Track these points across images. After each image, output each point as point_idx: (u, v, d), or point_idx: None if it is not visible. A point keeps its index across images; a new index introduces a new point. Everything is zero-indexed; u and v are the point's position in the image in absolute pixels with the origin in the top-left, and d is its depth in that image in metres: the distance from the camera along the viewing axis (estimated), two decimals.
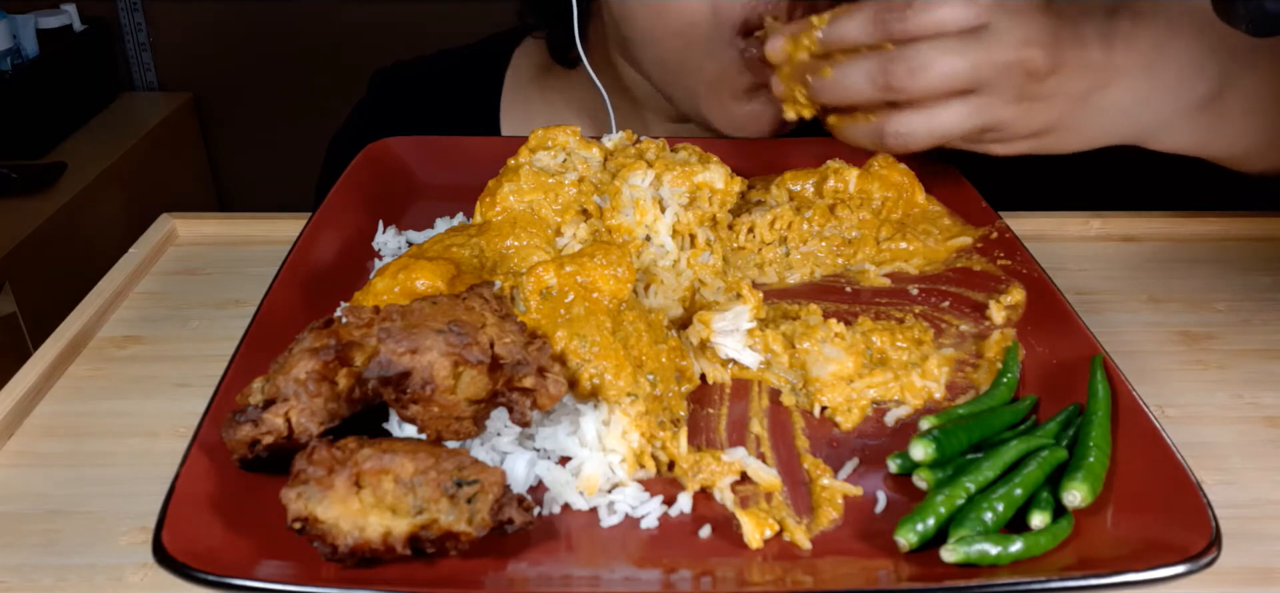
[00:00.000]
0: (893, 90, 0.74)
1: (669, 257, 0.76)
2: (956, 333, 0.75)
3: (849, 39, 0.76)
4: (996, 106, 0.73)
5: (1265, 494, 0.63)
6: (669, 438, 0.61)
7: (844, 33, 0.77)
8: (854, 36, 0.76)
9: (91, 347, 0.78)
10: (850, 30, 0.76)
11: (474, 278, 0.69)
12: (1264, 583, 0.57)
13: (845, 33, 0.77)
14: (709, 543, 0.56)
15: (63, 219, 1.99)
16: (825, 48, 0.79)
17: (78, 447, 0.67)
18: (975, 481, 0.57)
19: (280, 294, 0.73)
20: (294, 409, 0.56)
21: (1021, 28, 0.71)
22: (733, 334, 0.69)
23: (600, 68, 1.08)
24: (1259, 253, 0.92)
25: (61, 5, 2.38)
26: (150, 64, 2.62)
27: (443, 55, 1.28)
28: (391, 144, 0.98)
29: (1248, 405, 0.71)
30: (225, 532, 0.54)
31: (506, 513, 0.52)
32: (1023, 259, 0.80)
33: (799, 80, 0.81)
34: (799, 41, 0.80)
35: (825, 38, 0.78)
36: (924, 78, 0.72)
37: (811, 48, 0.79)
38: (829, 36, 0.78)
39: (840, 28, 0.77)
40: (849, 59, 0.76)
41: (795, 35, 0.80)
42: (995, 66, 0.72)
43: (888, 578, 0.54)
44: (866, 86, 0.75)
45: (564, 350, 0.62)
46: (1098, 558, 0.53)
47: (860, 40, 0.76)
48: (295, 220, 0.88)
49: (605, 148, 0.85)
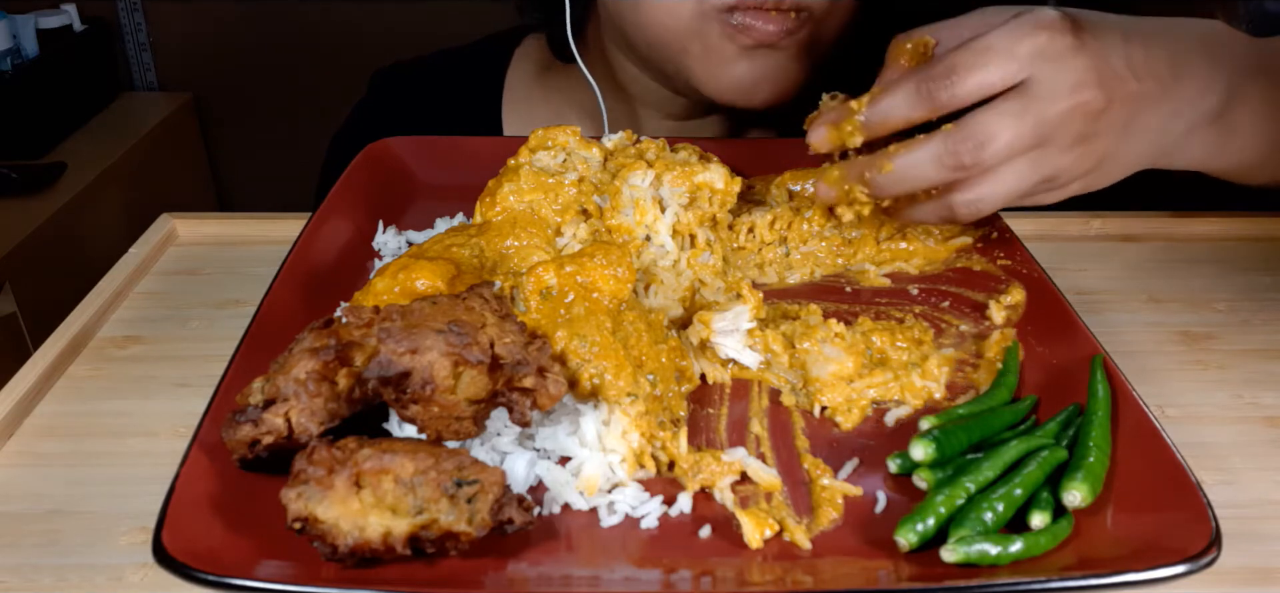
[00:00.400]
0: (962, 169, 0.70)
1: (669, 257, 0.76)
2: (956, 333, 0.75)
3: (894, 119, 0.72)
4: (1055, 155, 0.71)
5: (1265, 494, 0.63)
6: (669, 438, 0.61)
7: (888, 114, 0.72)
8: (900, 115, 0.72)
9: (91, 347, 0.78)
10: (895, 110, 0.72)
11: (474, 278, 0.69)
12: (1264, 583, 0.57)
13: (890, 114, 0.72)
14: (709, 543, 0.56)
15: (63, 219, 1.99)
16: (870, 132, 0.74)
17: (78, 447, 0.67)
18: (975, 481, 0.57)
19: (280, 294, 0.73)
20: (294, 409, 0.56)
21: (1067, 73, 0.69)
22: (733, 334, 0.69)
23: (597, 65, 1.09)
24: (1259, 253, 0.92)
25: (61, 5, 2.37)
26: (150, 64, 2.62)
27: (443, 55, 1.28)
28: (391, 144, 0.98)
29: (1248, 405, 0.71)
30: (225, 532, 0.54)
31: (506, 513, 0.52)
32: (1023, 259, 0.80)
33: (856, 180, 0.75)
34: (841, 129, 0.74)
35: (868, 120, 0.73)
36: (992, 149, 0.69)
37: (856, 133, 0.74)
38: (872, 119, 0.73)
39: (883, 109, 0.72)
40: (906, 148, 0.71)
41: (837, 123, 0.75)
42: (1056, 118, 0.69)
43: (888, 578, 0.54)
44: (934, 171, 0.71)
45: (564, 350, 0.62)
46: (1098, 558, 0.53)
47: (907, 118, 0.72)
48: (295, 220, 0.88)
49: (605, 148, 0.85)
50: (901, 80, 0.71)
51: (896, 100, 0.71)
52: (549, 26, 1.15)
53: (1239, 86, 0.76)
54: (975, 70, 0.68)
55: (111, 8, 2.53)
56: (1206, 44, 0.75)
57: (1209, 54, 0.74)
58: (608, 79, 1.11)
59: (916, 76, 0.70)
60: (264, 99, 2.64)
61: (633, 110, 1.13)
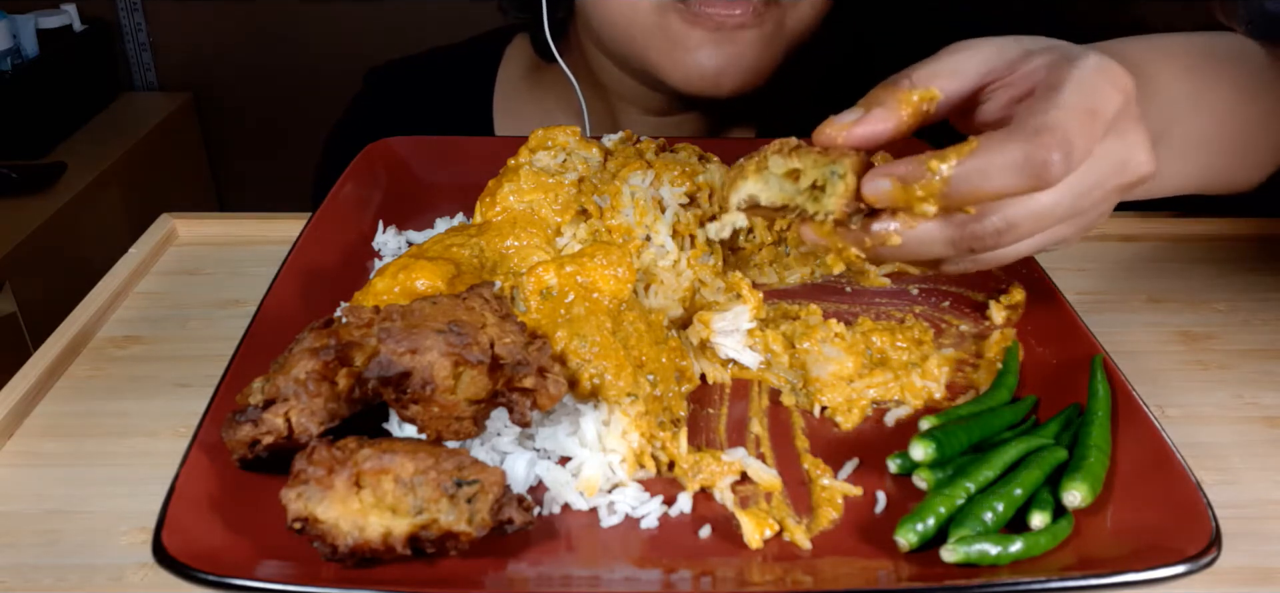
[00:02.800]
0: (977, 260, 0.62)
1: (669, 257, 0.76)
2: (956, 333, 0.75)
3: (988, 191, 0.58)
4: (1073, 226, 0.62)
5: (1265, 494, 0.63)
6: (669, 438, 0.61)
7: (984, 186, 0.58)
8: (1000, 187, 0.58)
9: (91, 347, 0.78)
10: (994, 182, 0.57)
11: (474, 278, 0.69)
12: (1264, 583, 0.57)
13: (986, 186, 0.57)
14: (709, 543, 0.56)
15: (63, 219, 1.99)
16: (950, 202, 0.59)
17: (78, 447, 0.67)
18: (975, 481, 0.57)
19: (280, 294, 0.73)
20: (294, 409, 0.56)
21: (1131, 148, 0.59)
22: (733, 334, 0.69)
23: (580, 64, 1.11)
24: (1259, 253, 0.92)
25: (61, 5, 2.37)
26: (150, 64, 2.62)
27: (435, 54, 1.28)
28: (391, 144, 0.98)
29: (1248, 405, 0.71)
30: (225, 532, 0.54)
31: (506, 513, 0.52)
32: (1023, 259, 0.80)
33: (853, 243, 0.62)
34: (910, 190, 0.58)
35: (957, 190, 0.58)
36: (1016, 233, 0.59)
37: (929, 201, 0.58)
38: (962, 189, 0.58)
39: (977, 178, 0.57)
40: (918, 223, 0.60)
41: (908, 180, 0.58)
42: (1099, 196, 0.60)
43: (888, 578, 0.54)
44: (944, 251, 0.61)
45: (564, 350, 0.62)
46: (1098, 558, 0.53)
47: (1007, 193, 0.58)
48: (295, 220, 0.88)
49: (605, 148, 0.85)
50: (1002, 145, 0.56)
51: (1000, 173, 0.56)
52: (532, 26, 1.16)
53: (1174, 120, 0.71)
54: (1085, 140, 0.56)
55: (111, 8, 2.53)
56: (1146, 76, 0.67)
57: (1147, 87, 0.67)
58: (589, 77, 1.13)
59: (1022, 145, 0.56)
60: (264, 99, 2.64)
61: (614, 107, 1.15)
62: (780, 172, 0.62)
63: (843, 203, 0.60)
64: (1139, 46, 0.71)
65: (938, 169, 0.57)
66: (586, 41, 1.11)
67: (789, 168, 0.61)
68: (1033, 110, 0.57)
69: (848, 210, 0.60)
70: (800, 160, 0.61)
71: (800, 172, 0.61)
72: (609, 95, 1.14)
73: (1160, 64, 0.70)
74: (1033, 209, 0.58)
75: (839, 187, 0.59)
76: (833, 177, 0.60)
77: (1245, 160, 0.76)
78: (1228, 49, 0.75)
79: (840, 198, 0.59)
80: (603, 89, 1.14)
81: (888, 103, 0.61)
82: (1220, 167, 0.76)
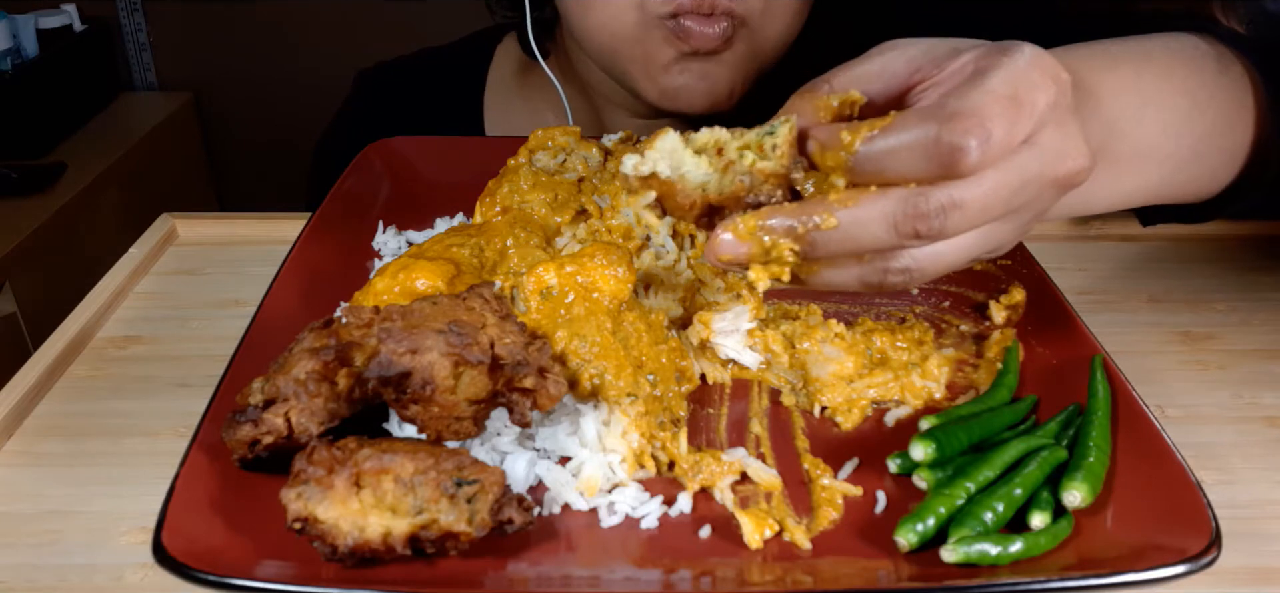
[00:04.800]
0: (917, 237, 0.56)
1: (669, 257, 0.76)
2: (956, 333, 0.75)
3: (893, 171, 0.55)
4: (1011, 224, 0.58)
5: (1265, 494, 0.63)
6: (669, 438, 0.61)
7: (888, 166, 0.55)
8: (906, 169, 0.55)
9: (91, 347, 0.78)
10: (900, 163, 0.54)
11: (474, 278, 0.69)
12: (1264, 583, 0.57)
13: (890, 166, 0.54)
14: (709, 543, 0.56)
15: (63, 219, 1.99)
16: (855, 177, 0.55)
17: (78, 447, 0.67)
18: (975, 481, 0.57)
19: (280, 294, 0.73)
20: (294, 409, 0.56)
21: (1067, 138, 0.57)
22: (733, 334, 0.69)
23: (568, 64, 1.12)
24: (1259, 253, 0.92)
25: (61, 5, 2.38)
26: (150, 64, 2.62)
27: (426, 54, 1.29)
28: (392, 144, 0.98)
29: (1248, 405, 0.71)
30: (225, 532, 0.54)
31: (506, 513, 0.52)
32: (1023, 259, 0.80)
33: (785, 234, 0.56)
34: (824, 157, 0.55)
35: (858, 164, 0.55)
36: (958, 217, 0.54)
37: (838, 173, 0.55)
38: (864, 164, 0.55)
39: (881, 157, 0.54)
40: (854, 201, 0.55)
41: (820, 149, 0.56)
42: (1038, 187, 0.56)
43: (888, 578, 0.54)
44: (884, 234, 0.55)
45: (564, 351, 0.62)
46: (1098, 558, 0.53)
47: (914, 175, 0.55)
48: (295, 220, 0.88)
49: (605, 147, 0.85)
50: (908, 124, 0.53)
51: (907, 152, 0.53)
52: (518, 26, 1.17)
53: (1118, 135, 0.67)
54: (1005, 125, 0.53)
55: (111, 8, 2.53)
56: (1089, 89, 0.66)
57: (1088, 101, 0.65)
58: (576, 78, 1.14)
59: (931, 123, 0.53)
60: (264, 99, 2.64)
61: (600, 108, 1.16)
62: (698, 144, 0.57)
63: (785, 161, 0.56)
64: (1082, 55, 0.67)
65: (845, 141, 0.54)
66: (571, 43, 1.11)
67: (712, 141, 0.57)
68: (955, 94, 0.54)
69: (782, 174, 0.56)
70: (723, 135, 0.57)
71: (723, 145, 0.56)
72: (595, 96, 1.15)
73: (1102, 75, 0.66)
74: (972, 195, 0.54)
75: (780, 135, 0.56)
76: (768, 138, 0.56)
77: (1199, 171, 0.73)
78: (1178, 55, 0.72)
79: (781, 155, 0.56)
80: (589, 89, 1.14)
81: (804, 111, 0.58)
82: (1172, 178, 0.72)
